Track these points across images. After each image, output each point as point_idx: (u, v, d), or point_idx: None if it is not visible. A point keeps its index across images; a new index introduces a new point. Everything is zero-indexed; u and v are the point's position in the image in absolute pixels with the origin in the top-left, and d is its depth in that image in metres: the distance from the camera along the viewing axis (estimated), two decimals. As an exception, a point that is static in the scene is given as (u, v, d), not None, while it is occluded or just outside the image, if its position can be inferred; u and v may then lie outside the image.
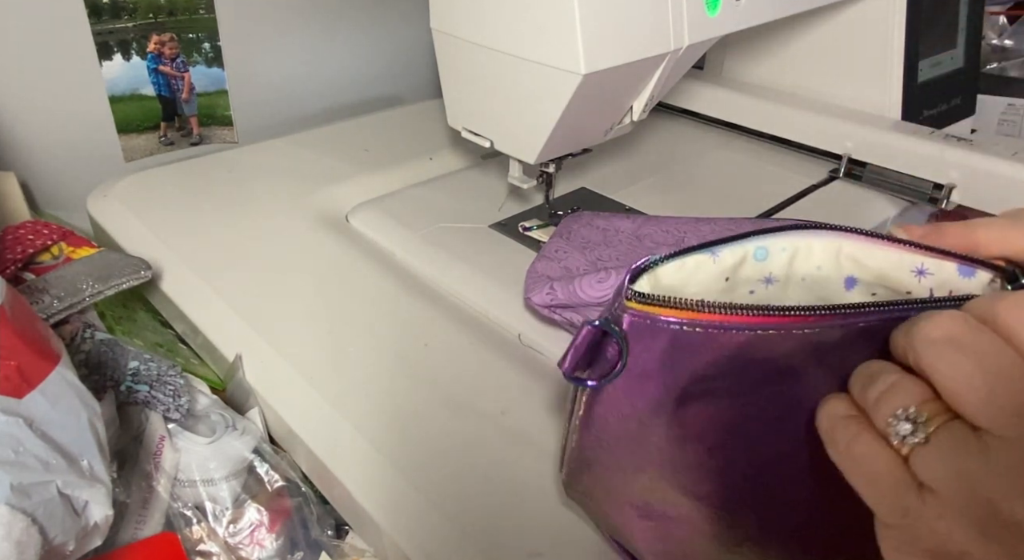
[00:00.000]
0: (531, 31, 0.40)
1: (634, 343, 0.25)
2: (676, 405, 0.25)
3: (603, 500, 0.29)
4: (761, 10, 0.47)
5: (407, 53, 0.82)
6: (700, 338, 0.24)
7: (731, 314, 0.24)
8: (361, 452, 0.36)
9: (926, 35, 0.62)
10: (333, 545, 0.37)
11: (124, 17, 0.61)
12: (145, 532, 0.35)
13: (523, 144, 0.46)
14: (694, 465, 0.26)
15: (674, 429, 0.26)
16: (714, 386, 0.25)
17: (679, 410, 0.25)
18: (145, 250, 0.49)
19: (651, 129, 0.69)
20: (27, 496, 0.26)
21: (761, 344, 0.24)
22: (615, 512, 0.29)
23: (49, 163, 0.62)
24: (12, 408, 0.27)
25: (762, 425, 0.26)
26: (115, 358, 0.39)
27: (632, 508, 0.28)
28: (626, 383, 0.25)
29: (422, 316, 0.45)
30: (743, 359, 0.24)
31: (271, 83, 0.73)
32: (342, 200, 0.57)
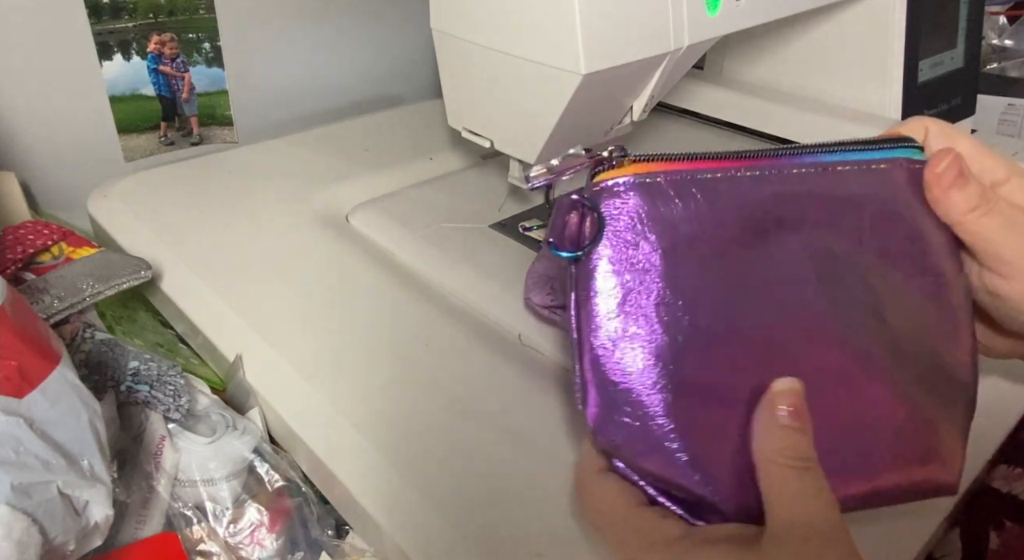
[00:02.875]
0: (531, 31, 0.40)
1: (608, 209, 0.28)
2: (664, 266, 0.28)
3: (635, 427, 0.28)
4: (761, 10, 0.47)
5: (407, 53, 0.82)
6: (660, 190, 0.28)
7: (677, 161, 0.29)
8: (361, 452, 0.36)
9: (926, 35, 0.62)
10: (333, 545, 0.37)
11: (124, 17, 0.61)
12: (145, 532, 0.35)
13: (523, 144, 0.46)
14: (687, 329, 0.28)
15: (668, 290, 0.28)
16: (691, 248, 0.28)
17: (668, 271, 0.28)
18: (145, 250, 0.49)
19: (651, 129, 0.69)
20: (28, 496, 0.26)
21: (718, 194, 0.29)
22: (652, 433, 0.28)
23: (49, 163, 0.62)
24: (12, 408, 0.27)
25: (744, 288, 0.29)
26: (115, 358, 0.39)
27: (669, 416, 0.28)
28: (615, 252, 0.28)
29: (422, 316, 0.45)
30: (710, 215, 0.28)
31: (271, 83, 0.73)
32: (342, 200, 0.57)
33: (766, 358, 0.28)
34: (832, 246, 0.30)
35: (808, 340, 0.28)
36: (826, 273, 0.29)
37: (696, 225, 0.28)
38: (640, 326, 0.27)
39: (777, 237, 0.29)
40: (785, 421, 0.26)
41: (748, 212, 0.29)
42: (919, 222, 0.31)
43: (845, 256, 0.30)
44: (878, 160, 0.31)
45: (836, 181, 0.30)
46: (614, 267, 0.28)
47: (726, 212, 0.29)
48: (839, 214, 0.30)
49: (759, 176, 0.29)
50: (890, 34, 0.60)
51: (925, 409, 0.29)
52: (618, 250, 0.28)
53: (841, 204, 0.30)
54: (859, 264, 0.30)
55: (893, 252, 0.30)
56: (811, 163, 0.30)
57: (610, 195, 0.28)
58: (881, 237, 0.30)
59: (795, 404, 0.26)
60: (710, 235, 0.28)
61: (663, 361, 0.27)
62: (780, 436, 0.26)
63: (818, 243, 0.29)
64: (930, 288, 0.30)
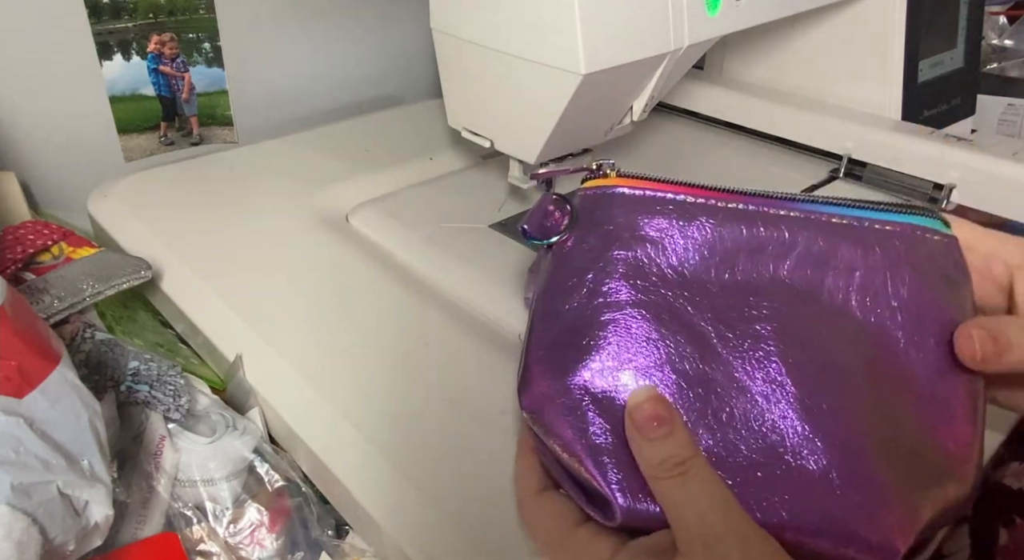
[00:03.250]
0: (531, 31, 0.40)
1: (584, 209, 0.30)
2: (622, 271, 0.29)
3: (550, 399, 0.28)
4: (761, 10, 0.47)
5: (407, 53, 0.82)
6: (638, 202, 0.29)
7: (663, 183, 0.29)
8: (361, 452, 0.36)
9: (926, 35, 0.62)
10: (333, 545, 0.37)
11: (124, 17, 0.61)
12: (145, 532, 0.35)
13: (523, 144, 0.46)
14: (643, 341, 0.28)
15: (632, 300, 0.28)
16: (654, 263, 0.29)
17: (625, 276, 0.29)
18: (145, 250, 0.49)
19: (651, 129, 0.70)
20: (28, 496, 0.26)
21: (694, 219, 0.29)
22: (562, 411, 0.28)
23: (49, 163, 0.62)
24: (13, 408, 0.27)
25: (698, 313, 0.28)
26: (115, 358, 0.39)
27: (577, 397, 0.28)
28: (581, 250, 0.29)
29: (422, 316, 0.45)
30: (680, 236, 0.29)
31: (271, 83, 0.73)
32: (342, 200, 0.57)
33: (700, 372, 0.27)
34: (809, 294, 0.28)
35: (752, 371, 0.27)
36: (795, 316, 0.28)
37: (665, 241, 0.29)
38: (582, 314, 0.28)
39: (747, 270, 0.28)
40: (652, 434, 0.25)
41: (722, 242, 0.29)
42: (926, 300, 0.28)
43: (823, 307, 0.28)
44: (883, 221, 0.29)
45: (827, 233, 0.29)
46: (575, 262, 0.29)
47: (698, 236, 0.29)
48: (824, 265, 0.28)
49: (741, 210, 0.29)
50: (890, 34, 0.60)
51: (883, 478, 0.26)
52: (584, 247, 0.29)
53: (828, 256, 0.28)
54: (837, 319, 0.28)
55: (885, 318, 0.28)
56: (802, 210, 0.29)
57: (590, 198, 0.30)
58: (872, 300, 0.28)
59: (654, 411, 0.25)
60: (677, 253, 0.29)
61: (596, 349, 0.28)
62: (652, 450, 0.25)
63: (793, 288, 0.28)
64: (924, 365, 0.28)
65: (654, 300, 0.28)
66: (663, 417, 0.25)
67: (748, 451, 0.26)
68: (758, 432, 0.26)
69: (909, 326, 0.28)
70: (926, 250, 0.29)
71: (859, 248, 0.29)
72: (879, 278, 0.28)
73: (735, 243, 0.29)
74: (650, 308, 0.28)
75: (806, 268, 0.28)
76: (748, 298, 0.28)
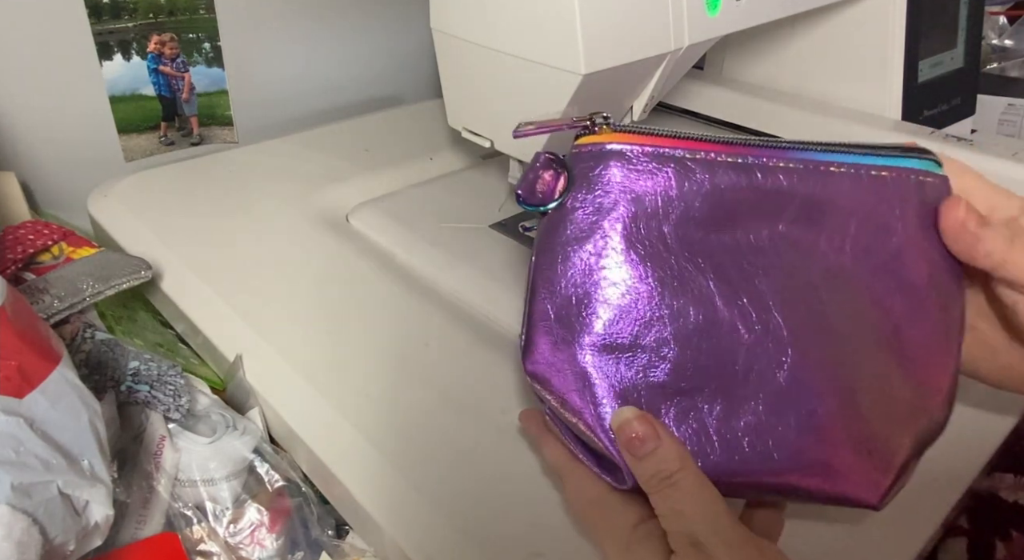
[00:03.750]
0: (531, 31, 0.40)
1: (580, 169, 0.29)
2: (621, 234, 0.28)
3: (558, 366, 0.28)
4: (761, 10, 0.47)
5: (407, 53, 0.82)
6: (635, 159, 0.28)
7: (659, 136, 0.29)
8: (361, 452, 0.36)
9: (926, 35, 0.62)
10: (333, 545, 0.37)
11: (124, 17, 0.61)
12: (145, 532, 0.35)
13: (523, 144, 0.46)
14: (645, 303, 0.28)
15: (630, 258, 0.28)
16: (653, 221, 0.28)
17: (624, 239, 0.28)
18: (145, 250, 0.49)
19: (651, 129, 0.69)
20: (28, 496, 0.26)
21: (693, 175, 0.28)
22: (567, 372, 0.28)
23: (49, 163, 0.62)
24: (13, 408, 0.27)
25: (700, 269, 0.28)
26: (115, 358, 0.39)
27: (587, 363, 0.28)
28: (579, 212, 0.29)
29: (422, 316, 0.45)
30: (679, 193, 0.28)
31: (271, 83, 0.73)
32: (342, 200, 0.57)
33: (704, 332, 0.28)
34: (806, 246, 0.29)
35: (753, 327, 0.28)
36: (792, 269, 0.29)
37: (664, 200, 0.28)
38: (584, 279, 0.28)
39: (746, 226, 0.29)
40: (638, 453, 0.26)
41: (720, 197, 0.28)
42: (915, 241, 0.29)
43: (818, 258, 0.29)
44: (880, 167, 0.30)
45: (825, 182, 0.29)
46: (573, 225, 0.29)
47: (697, 193, 0.28)
48: (821, 216, 0.29)
49: (739, 164, 0.29)
50: (890, 34, 0.60)
51: (869, 421, 0.28)
52: (582, 210, 0.29)
53: (826, 206, 0.29)
54: (833, 269, 0.29)
55: (877, 265, 0.29)
56: (800, 159, 0.29)
57: (585, 157, 0.29)
58: (866, 248, 0.29)
59: (638, 430, 0.26)
60: (676, 212, 0.28)
61: (599, 314, 0.28)
62: (641, 467, 0.26)
63: (791, 241, 0.29)
64: (911, 308, 0.29)
65: (655, 261, 0.28)
66: (647, 435, 0.26)
67: (747, 399, 0.27)
68: (756, 383, 0.27)
69: (896, 270, 0.29)
70: (919, 193, 0.30)
71: (856, 196, 0.29)
72: (873, 224, 0.29)
73: (734, 199, 0.29)
74: (651, 269, 0.28)
75: (804, 220, 0.29)
76: (746, 254, 0.28)
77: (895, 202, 0.29)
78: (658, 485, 0.26)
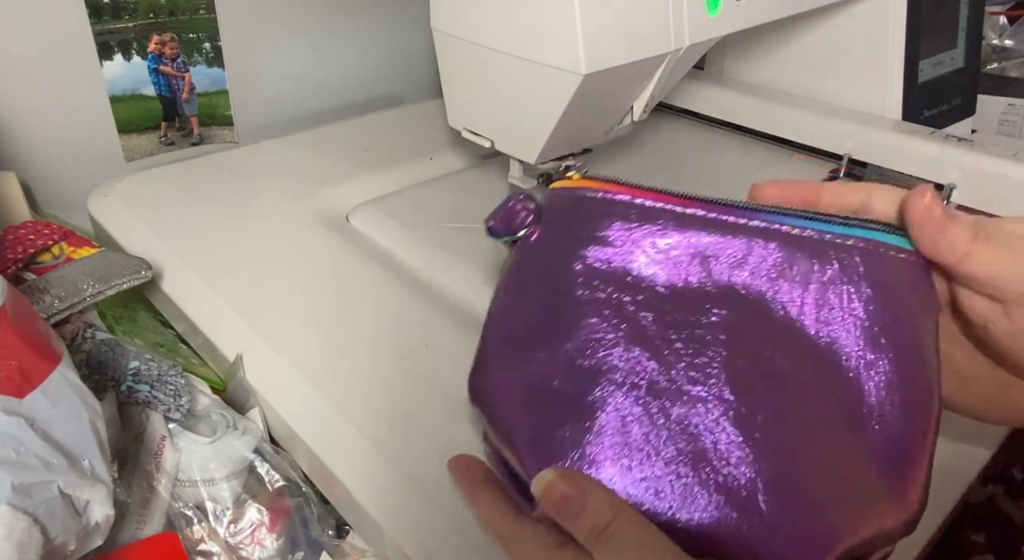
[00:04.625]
0: (531, 31, 0.40)
1: (549, 208, 0.31)
2: (578, 270, 0.30)
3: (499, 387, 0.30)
4: (761, 10, 0.47)
5: (407, 53, 0.82)
6: (600, 203, 0.30)
7: (627, 186, 0.30)
8: (361, 452, 0.36)
9: (926, 35, 0.62)
10: (334, 545, 0.37)
11: (125, 17, 0.61)
12: (146, 532, 0.35)
13: (523, 144, 0.46)
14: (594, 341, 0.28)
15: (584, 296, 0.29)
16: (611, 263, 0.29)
17: (580, 276, 0.29)
18: (146, 250, 0.49)
19: (651, 129, 0.70)
20: (28, 496, 0.26)
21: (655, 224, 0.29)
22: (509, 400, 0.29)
23: (49, 163, 0.62)
24: (13, 408, 0.27)
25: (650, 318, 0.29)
26: (116, 358, 0.39)
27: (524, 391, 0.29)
28: (543, 248, 0.31)
29: (422, 316, 0.45)
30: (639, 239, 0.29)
31: (271, 83, 0.73)
32: (342, 200, 0.57)
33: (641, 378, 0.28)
34: (762, 308, 0.28)
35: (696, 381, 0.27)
36: (741, 330, 0.28)
37: (624, 245, 0.29)
38: (538, 308, 0.30)
39: (700, 279, 0.29)
40: (566, 515, 0.25)
41: (679, 249, 0.29)
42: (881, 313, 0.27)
43: (774, 322, 0.28)
44: (845, 236, 0.28)
45: (785, 244, 0.28)
46: (536, 258, 0.31)
47: (656, 243, 0.29)
48: (777, 279, 0.28)
49: (700, 218, 0.29)
50: (890, 34, 0.60)
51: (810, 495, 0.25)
52: (545, 245, 0.31)
53: (784, 268, 0.28)
54: (784, 336, 0.28)
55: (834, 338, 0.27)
56: (763, 218, 0.29)
57: (556, 198, 0.31)
58: (824, 318, 0.27)
59: (562, 492, 0.25)
60: (635, 258, 0.29)
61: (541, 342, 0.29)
62: (575, 527, 0.25)
63: (748, 301, 0.28)
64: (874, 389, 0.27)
65: (608, 301, 0.29)
66: (571, 495, 0.25)
67: (679, 454, 0.26)
68: (692, 436, 0.26)
69: (862, 344, 0.27)
70: (887, 268, 0.28)
71: (816, 261, 0.28)
72: (834, 293, 0.28)
73: (692, 249, 0.29)
74: (604, 309, 0.29)
75: (760, 279, 0.28)
76: (700, 304, 0.28)
77: (860, 272, 0.28)
78: (596, 541, 0.25)
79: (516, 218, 0.32)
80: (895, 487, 0.26)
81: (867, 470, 0.26)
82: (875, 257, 0.28)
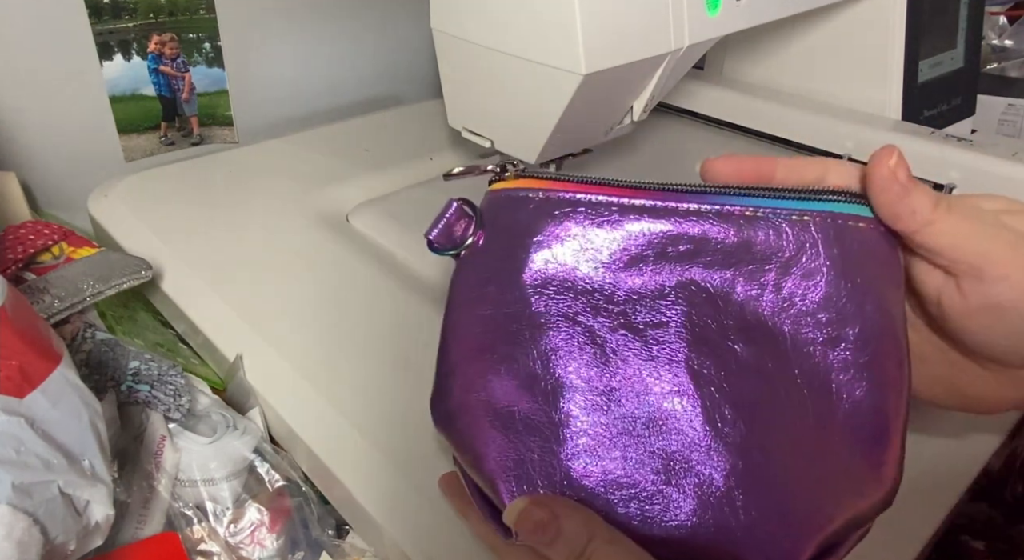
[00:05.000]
0: (531, 31, 0.40)
1: (488, 215, 0.29)
2: (522, 279, 0.28)
3: (461, 412, 0.28)
4: (761, 10, 0.47)
5: (407, 53, 0.82)
6: (541, 205, 0.28)
7: (568, 182, 0.28)
8: (361, 452, 0.36)
9: (926, 35, 0.62)
10: (334, 545, 0.37)
11: (124, 17, 0.61)
12: (146, 532, 0.35)
13: (523, 144, 0.46)
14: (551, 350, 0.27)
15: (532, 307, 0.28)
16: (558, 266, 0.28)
17: (526, 285, 0.28)
18: (146, 250, 0.49)
19: (651, 129, 0.69)
20: (28, 496, 0.26)
21: (601, 219, 0.27)
22: (472, 424, 0.28)
23: (49, 163, 0.62)
24: (13, 408, 0.27)
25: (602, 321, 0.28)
26: (116, 358, 0.39)
27: (487, 415, 0.28)
28: (486, 258, 0.29)
29: (422, 316, 0.45)
30: (584, 237, 0.27)
31: (271, 83, 0.73)
32: (342, 200, 0.57)
33: (603, 380, 0.27)
34: (719, 295, 0.27)
35: (658, 377, 0.27)
36: (702, 320, 0.27)
37: (571, 245, 0.28)
38: (490, 324, 0.28)
39: (655, 274, 0.27)
40: (542, 542, 0.25)
41: (628, 242, 0.27)
42: (843, 286, 0.26)
43: (733, 307, 0.27)
44: (801, 211, 0.27)
45: (739, 227, 0.27)
46: (479, 268, 0.29)
47: (603, 238, 0.28)
48: (736, 262, 0.27)
49: (648, 207, 0.27)
50: (890, 34, 0.60)
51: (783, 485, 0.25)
52: (487, 253, 0.29)
53: (740, 252, 0.27)
54: (749, 320, 0.26)
55: (798, 315, 0.26)
56: (714, 202, 0.27)
57: (493, 202, 0.29)
58: (787, 297, 0.26)
59: (534, 520, 0.25)
60: (582, 257, 0.28)
61: (498, 361, 0.27)
62: (552, 553, 0.25)
63: (702, 289, 0.27)
64: (842, 364, 0.26)
65: (560, 307, 0.27)
66: (545, 522, 0.25)
67: (649, 456, 0.26)
68: (659, 436, 0.26)
69: (825, 321, 0.26)
70: (846, 239, 0.26)
71: (773, 240, 0.26)
72: (794, 272, 0.26)
73: (643, 243, 0.27)
74: (557, 315, 0.27)
75: (717, 265, 0.27)
76: (656, 301, 0.27)
77: (818, 249, 0.26)
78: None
79: (455, 228, 0.29)
80: (870, 465, 0.25)
81: (840, 451, 0.25)
82: (833, 229, 0.26)
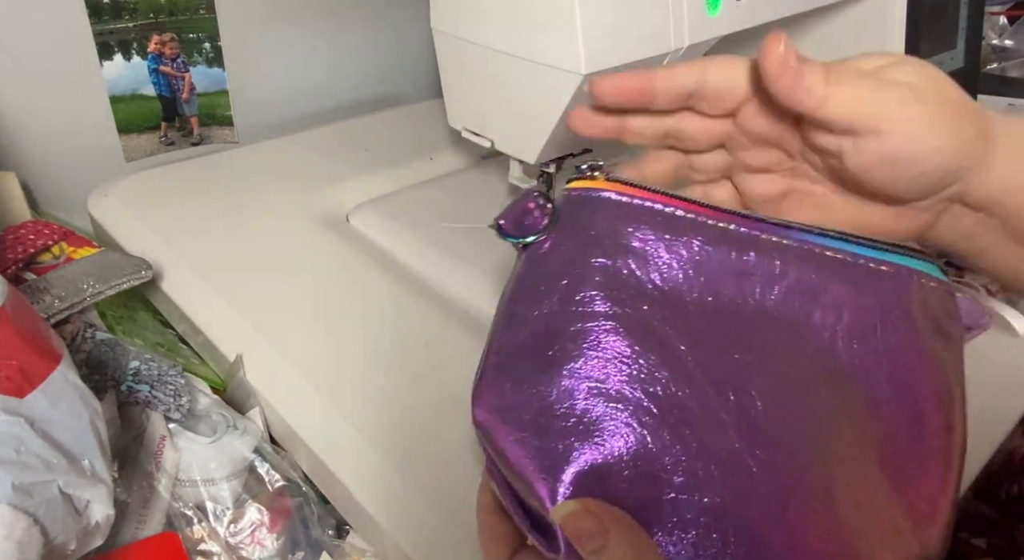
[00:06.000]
0: (531, 31, 0.40)
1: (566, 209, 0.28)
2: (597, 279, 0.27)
3: (506, 415, 0.27)
4: (761, 10, 0.47)
5: (407, 53, 0.82)
6: (623, 209, 0.27)
7: (653, 192, 0.27)
8: (361, 452, 0.36)
9: (926, 35, 0.62)
10: (334, 545, 0.37)
11: (125, 17, 0.61)
12: (146, 532, 0.35)
13: (523, 144, 0.46)
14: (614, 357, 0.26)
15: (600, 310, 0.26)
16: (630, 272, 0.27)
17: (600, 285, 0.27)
18: (146, 250, 0.49)
19: (651, 129, 0.69)
20: (29, 496, 0.26)
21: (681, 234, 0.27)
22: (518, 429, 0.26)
23: (50, 163, 0.62)
24: (13, 408, 0.27)
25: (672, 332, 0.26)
26: (116, 358, 0.39)
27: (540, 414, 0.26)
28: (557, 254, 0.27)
29: (422, 316, 0.45)
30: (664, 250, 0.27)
31: (271, 83, 0.73)
32: (342, 200, 0.57)
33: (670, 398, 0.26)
34: (793, 327, 0.26)
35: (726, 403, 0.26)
36: (775, 349, 0.26)
37: (649, 255, 0.27)
38: (550, 323, 0.26)
39: (730, 297, 0.27)
40: (586, 549, 0.24)
41: (706, 262, 0.27)
42: (911, 342, 0.26)
43: (806, 343, 0.26)
44: (879, 261, 0.27)
45: (819, 265, 0.27)
46: (549, 264, 0.27)
47: (682, 253, 0.27)
48: (812, 299, 0.27)
49: (730, 231, 0.27)
50: (890, 34, 0.60)
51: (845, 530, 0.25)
52: (562, 251, 0.27)
53: (818, 290, 0.27)
54: (820, 358, 0.26)
55: (868, 363, 0.26)
56: (796, 239, 0.27)
57: (574, 200, 0.28)
58: (859, 341, 0.26)
59: (582, 527, 0.24)
60: (659, 269, 0.27)
61: (554, 361, 0.26)
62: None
63: (777, 319, 0.26)
64: (904, 418, 0.26)
65: (630, 314, 0.26)
66: (593, 532, 0.24)
67: (711, 483, 0.25)
68: (723, 465, 0.25)
69: (892, 375, 0.26)
70: (919, 296, 0.27)
71: (851, 286, 0.27)
72: (868, 321, 0.27)
73: (722, 265, 0.27)
74: (625, 322, 0.26)
75: (794, 300, 0.27)
76: (729, 325, 0.26)
77: (893, 299, 0.27)
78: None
79: (528, 218, 0.28)
80: (919, 522, 0.25)
81: (892, 507, 0.25)
82: (907, 285, 0.27)
